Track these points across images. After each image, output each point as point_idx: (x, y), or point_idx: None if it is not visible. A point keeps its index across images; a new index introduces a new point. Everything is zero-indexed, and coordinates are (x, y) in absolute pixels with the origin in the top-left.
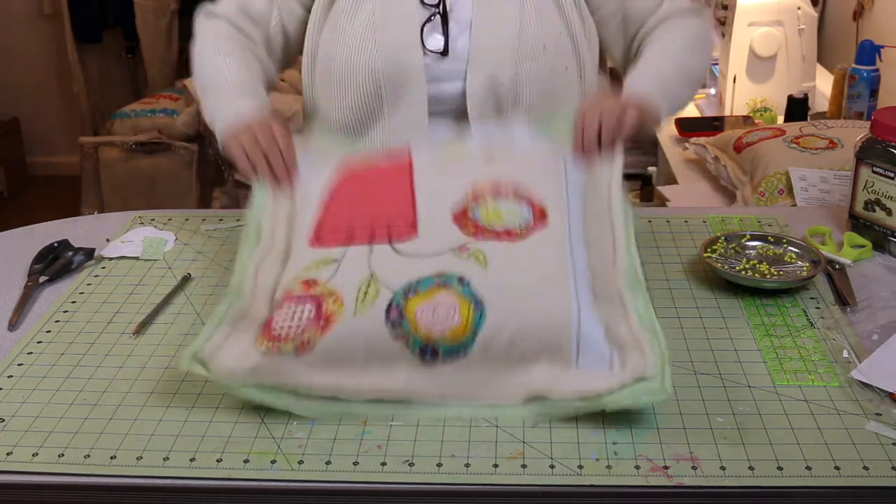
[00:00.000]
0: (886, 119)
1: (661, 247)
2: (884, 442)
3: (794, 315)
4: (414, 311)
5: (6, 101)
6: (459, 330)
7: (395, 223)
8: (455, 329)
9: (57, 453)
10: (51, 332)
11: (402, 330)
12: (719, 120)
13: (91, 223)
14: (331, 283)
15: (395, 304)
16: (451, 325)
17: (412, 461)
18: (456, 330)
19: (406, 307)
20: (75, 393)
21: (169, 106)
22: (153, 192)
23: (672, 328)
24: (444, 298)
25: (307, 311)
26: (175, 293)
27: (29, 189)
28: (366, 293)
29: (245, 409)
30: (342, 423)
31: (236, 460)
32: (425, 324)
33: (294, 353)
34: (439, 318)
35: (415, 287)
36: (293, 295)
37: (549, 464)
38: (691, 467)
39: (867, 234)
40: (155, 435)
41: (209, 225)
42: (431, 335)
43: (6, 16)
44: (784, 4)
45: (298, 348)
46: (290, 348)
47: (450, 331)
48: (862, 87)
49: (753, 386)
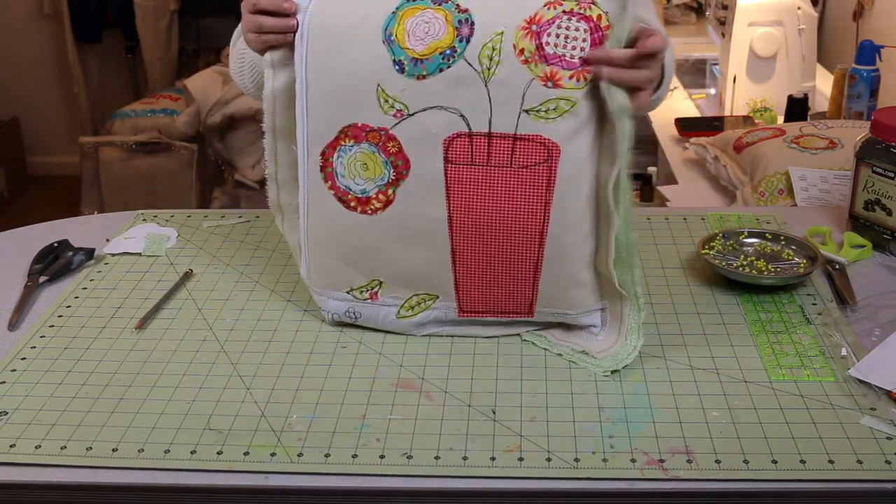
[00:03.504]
0: (886, 119)
1: (659, 244)
2: (878, 436)
3: (790, 311)
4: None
5: (6, 101)
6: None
7: None
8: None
9: (59, 445)
10: (53, 328)
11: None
12: (719, 120)
13: (91, 223)
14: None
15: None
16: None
17: (410, 454)
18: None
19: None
20: (78, 386)
21: (169, 106)
22: (153, 192)
23: (669, 324)
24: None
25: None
26: (177, 289)
27: (29, 189)
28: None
29: (245, 402)
30: (341, 416)
31: (236, 453)
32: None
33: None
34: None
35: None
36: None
37: (546, 457)
38: (686, 461)
39: (867, 234)
40: (156, 428)
41: (211, 221)
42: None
43: (6, 16)
44: (784, 4)
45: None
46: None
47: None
48: (862, 87)
49: (749, 381)
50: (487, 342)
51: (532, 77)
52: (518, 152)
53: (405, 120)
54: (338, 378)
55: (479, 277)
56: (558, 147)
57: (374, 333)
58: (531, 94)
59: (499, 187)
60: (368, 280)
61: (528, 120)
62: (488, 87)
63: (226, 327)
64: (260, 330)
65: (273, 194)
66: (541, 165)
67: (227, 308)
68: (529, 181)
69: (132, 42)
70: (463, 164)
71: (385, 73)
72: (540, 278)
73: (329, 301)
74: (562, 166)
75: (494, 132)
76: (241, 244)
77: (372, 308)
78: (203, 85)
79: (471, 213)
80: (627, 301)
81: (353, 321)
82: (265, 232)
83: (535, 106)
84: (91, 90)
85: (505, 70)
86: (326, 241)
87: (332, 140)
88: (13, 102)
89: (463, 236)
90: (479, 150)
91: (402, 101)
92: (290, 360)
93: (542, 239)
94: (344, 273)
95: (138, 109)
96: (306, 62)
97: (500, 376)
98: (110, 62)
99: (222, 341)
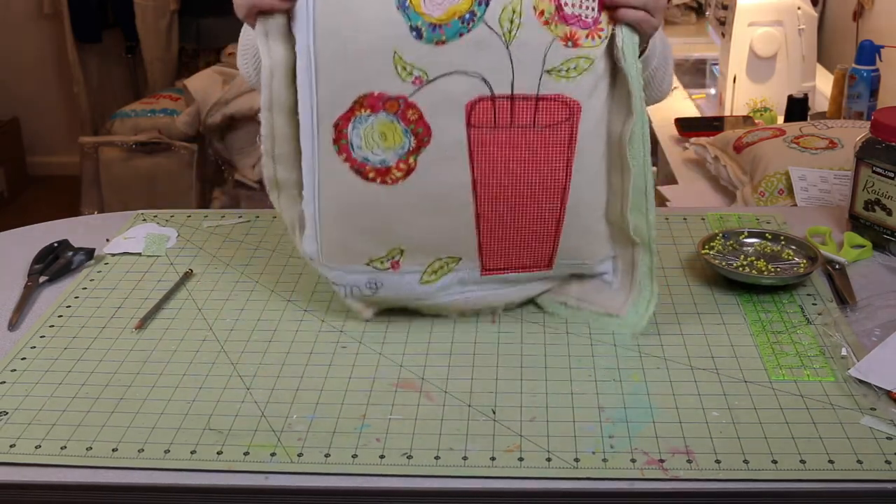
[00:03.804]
0: (886, 119)
1: (659, 244)
2: (878, 436)
3: (790, 311)
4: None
5: (6, 101)
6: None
7: None
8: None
9: (59, 445)
10: (53, 328)
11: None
12: (719, 120)
13: (91, 223)
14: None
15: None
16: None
17: (410, 454)
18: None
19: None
20: (78, 386)
21: (169, 106)
22: (153, 192)
23: (669, 324)
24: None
25: None
26: (177, 289)
27: (29, 189)
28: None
29: (245, 402)
30: (341, 416)
31: (236, 453)
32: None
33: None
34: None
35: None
36: None
37: (546, 457)
38: (686, 461)
39: (867, 234)
40: (156, 428)
41: (211, 221)
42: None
43: (6, 16)
44: (784, 4)
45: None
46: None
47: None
48: (862, 87)
49: (749, 381)
50: (487, 343)
51: (553, 38)
52: (541, 112)
53: (425, 86)
54: (338, 378)
55: (503, 237)
56: (579, 104)
57: (375, 333)
58: (552, 54)
59: (522, 148)
60: (389, 250)
61: (550, 80)
62: (510, 50)
63: (226, 327)
64: (260, 330)
65: (269, 171)
66: (563, 123)
67: (227, 308)
68: (552, 140)
69: (132, 42)
70: (486, 128)
71: (401, 39)
72: (561, 233)
73: (346, 275)
74: (582, 123)
75: (517, 94)
76: (241, 244)
77: (394, 277)
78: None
79: (495, 176)
80: (638, 246)
81: (374, 293)
82: (265, 232)
83: (556, 66)
84: (91, 90)
85: (526, 32)
86: (343, 215)
87: (346, 111)
88: (13, 102)
89: (487, 199)
90: (501, 113)
91: (422, 67)
92: (290, 360)
93: (565, 195)
94: (363, 245)
95: (138, 109)
96: (314, 31)
97: (500, 376)
98: (110, 62)
99: (222, 341)
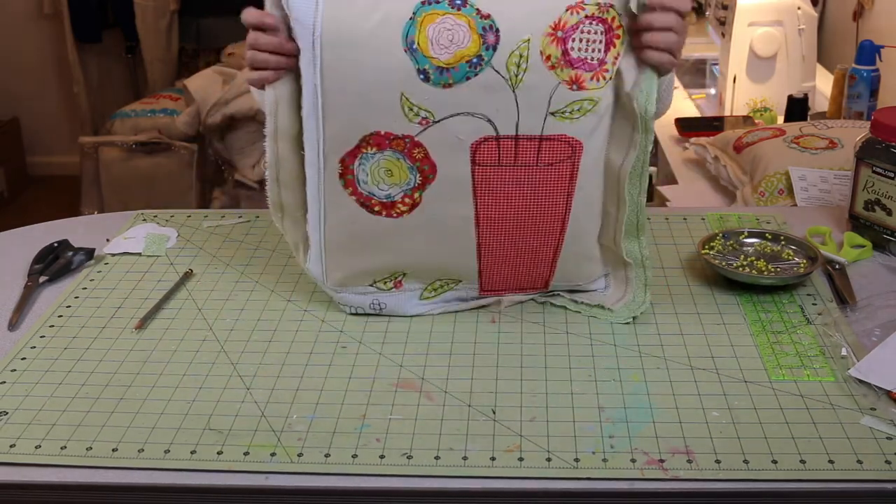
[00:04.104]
0: (886, 119)
1: (659, 244)
2: (878, 436)
3: (790, 311)
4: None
5: (6, 101)
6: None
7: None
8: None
9: (59, 445)
10: (53, 328)
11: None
12: (719, 120)
13: (91, 223)
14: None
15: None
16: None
17: (410, 454)
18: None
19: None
20: (78, 386)
21: (169, 106)
22: (153, 192)
23: (669, 324)
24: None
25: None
26: (177, 289)
27: (29, 189)
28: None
29: (245, 402)
30: (341, 416)
31: (236, 453)
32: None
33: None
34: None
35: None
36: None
37: (546, 457)
38: (686, 461)
39: (867, 234)
40: (156, 428)
41: (211, 221)
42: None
43: (6, 16)
44: (784, 4)
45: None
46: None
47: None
48: (862, 87)
49: (749, 381)
50: (487, 343)
51: (559, 81)
52: (544, 152)
53: (431, 126)
54: (338, 378)
55: (502, 263)
56: (581, 144)
57: (375, 333)
58: (557, 97)
59: (525, 185)
60: (392, 272)
61: (554, 121)
62: (516, 93)
63: (226, 327)
64: (260, 330)
65: (274, 195)
66: (565, 162)
67: (227, 308)
68: (554, 177)
69: (132, 42)
70: (490, 166)
71: (409, 82)
72: (559, 258)
73: (351, 297)
74: (583, 159)
75: (521, 135)
76: (241, 244)
77: (396, 296)
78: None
79: (497, 210)
80: (631, 266)
81: (377, 311)
82: (265, 232)
83: (560, 108)
84: (91, 90)
85: (532, 76)
86: (348, 243)
87: (352, 148)
88: (13, 102)
89: (488, 231)
90: (506, 152)
91: (428, 108)
92: (290, 360)
93: (564, 226)
94: (366, 270)
95: (138, 109)
96: (322, 71)
97: (500, 376)
98: (110, 62)
99: (222, 341)
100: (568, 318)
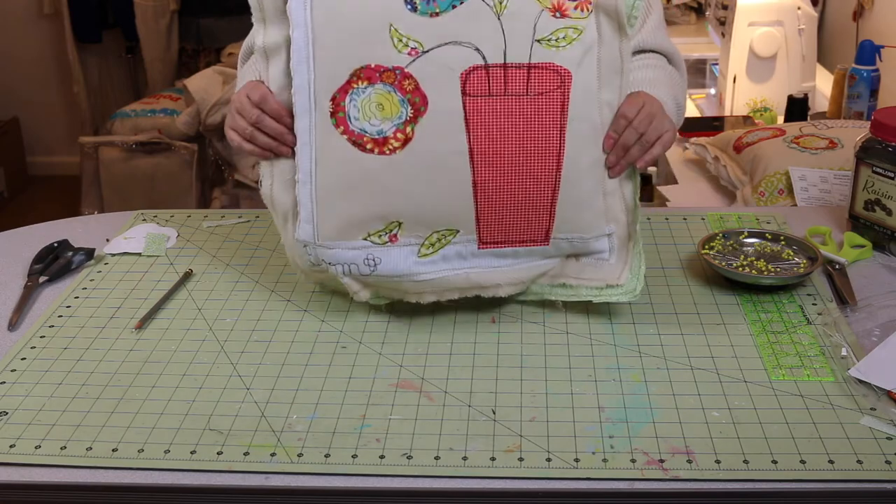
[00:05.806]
0: (886, 119)
1: (659, 244)
2: (878, 436)
3: (790, 311)
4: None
5: (6, 101)
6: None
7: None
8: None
9: (59, 446)
10: (53, 328)
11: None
12: (719, 120)
13: (91, 223)
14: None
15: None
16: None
17: (410, 454)
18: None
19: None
20: (77, 387)
21: (169, 106)
22: (153, 192)
23: (669, 324)
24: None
25: None
26: (177, 288)
27: (29, 189)
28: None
29: (245, 402)
30: (341, 416)
31: (236, 453)
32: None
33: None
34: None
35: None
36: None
37: (546, 457)
38: (687, 461)
39: (867, 234)
40: (156, 428)
41: (211, 221)
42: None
43: (6, 16)
44: (784, 4)
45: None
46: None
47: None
48: (862, 87)
49: (749, 381)
50: (487, 343)
51: (541, 8)
52: (533, 80)
53: (420, 57)
54: (338, 378)
55: (500, 207)
56: (569, 73)
57: (374, 333)
58: (542, 24)
59: (517, 116)
60: (386, 224)
61: (541, 49)
62: (501, 21)
63: (225, 327)
64: (260, 330)
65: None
66: (555, 91)
67: (226, 308)
68: (545, 108)
69: (132, 42)
70: (480, 96)
71: (396, 12)
72: (557, 203)
73: (344, 252)
74: (573, 91)
75: (510, 63)
76: (241, 244)
77: (392, 251)
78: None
79: (491, 144)
80: (634, 220)
81: (371, 270)
82: (265, 232)
83: (545, 35)
84: (91, 90)
85: (516, 3)
86: (340, 190)
87: (343, 84)
88: (13, 102)
89: (484, 167)
90: (495, 82)
91: (417, 38)
92: (289, 360)
93: (559, 163)
94: (360, 220)
95: (138, 109)
96: (311, 6)
97: (500, 376)
98: (110, 62)
99: (222, 341)
100: (568, 318)
